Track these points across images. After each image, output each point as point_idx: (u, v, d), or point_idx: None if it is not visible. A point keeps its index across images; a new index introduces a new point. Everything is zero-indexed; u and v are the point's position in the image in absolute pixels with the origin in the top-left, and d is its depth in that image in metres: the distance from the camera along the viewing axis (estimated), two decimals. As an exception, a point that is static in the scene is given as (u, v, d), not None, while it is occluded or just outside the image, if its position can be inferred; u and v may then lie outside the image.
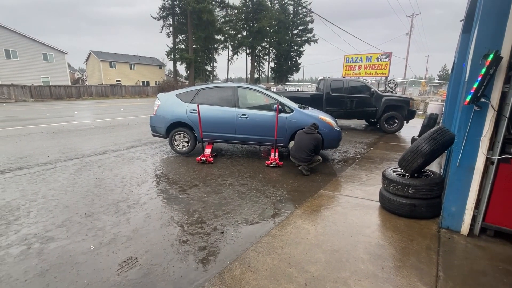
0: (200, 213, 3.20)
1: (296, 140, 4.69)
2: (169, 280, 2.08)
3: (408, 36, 33.06)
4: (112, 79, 39.72)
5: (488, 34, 2.31)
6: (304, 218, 3.07)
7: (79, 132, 8.43)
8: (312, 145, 4.50)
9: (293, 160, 4.71)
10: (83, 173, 4.59)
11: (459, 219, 2.71)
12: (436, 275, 2.12)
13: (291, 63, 47.62)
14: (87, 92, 29.49)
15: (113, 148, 6.35)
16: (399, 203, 3.05)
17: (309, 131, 4.59)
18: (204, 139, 5.52)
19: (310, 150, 4.51)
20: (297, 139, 4.68)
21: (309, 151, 4.50)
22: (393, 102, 9.16)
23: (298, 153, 4.58)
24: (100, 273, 2.15)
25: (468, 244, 2.54)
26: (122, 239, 2.62)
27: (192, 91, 5.60)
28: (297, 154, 4.59)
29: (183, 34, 38.70)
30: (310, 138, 4.54)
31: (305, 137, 4.57)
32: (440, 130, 3.02)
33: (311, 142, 4.51)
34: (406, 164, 3.11)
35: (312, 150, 4.52)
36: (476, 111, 2.44)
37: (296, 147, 4.63)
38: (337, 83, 9.66)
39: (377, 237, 2.68)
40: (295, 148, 4.65)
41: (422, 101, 17.50)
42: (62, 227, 2.84)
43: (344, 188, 4.08)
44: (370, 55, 17.62)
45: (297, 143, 4.64)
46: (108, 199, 3.55)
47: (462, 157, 2.58)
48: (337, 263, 2.26)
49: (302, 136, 4.62)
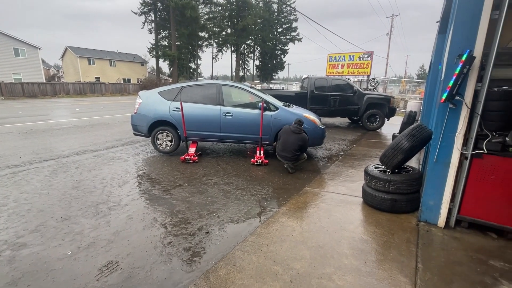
0: (185, 213, 3.13)
1: (282, 139, 4.66)
2: (152, 283, 2.02)
3: (389, 36, 34.14)
4: (91, 76, 38.06)
5: (462, 35, 2.41)
6: (290, 215, 3.09)
7: (55, 132, 8.01)
8: (298, 145, 4.51)
9: (279, 158, 4.72)
10: (59, 174, 4.36)
11: (436, 212, 2.83)
12: (415, 267, 2.20)
13: (276, 61, 47.80)
14: (63, 89, 28.07)
15: (92, 148, 6.09)
16: (381, 198, 3.14)
17: (297, 131, 4.55)
18: (188, 138, 5.42)
19: (296, 150, 4.52)
20: (283, 138, 4.63)
21: (295, 151, 4.52)
22: (374, 100, 9.42)
23: (284, 152, 4.57)
24: (78, 279, 2.05)
25: (444, 236, 2.66)
26: (102, 243, 2.51)
27: (175, 89, 5.47)
28: (283, 153, 4.59)
29: (166, 30, 37.73)
30: (297, 138, 4.51)
31: (292, 137, 4.54)
32: (419, 127, 3.13)
33: (297, 143, 4.50)
34: (387, 160, 3.20)
35: (297, 150, 4.54)
36: (451, 108, 2.55)
37: (283, 146, 4.60)
38: (321, 82, 9.80)
39: (360, 232, 2.74)
40: (281, 147, 4.63)
41: (402, 99, 18.16)
42: (36, 232, 2.68)
43: (328, 185, 4.14)
44: (353, 54, 18.03)
45: (283, 142, 4.60)
46: (87, 201, 3.40)
47: (438, 153, 2.69)
48: (322, 259, 2.29)
49: (289, 136, 4.56)
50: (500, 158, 2.48)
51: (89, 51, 40.63)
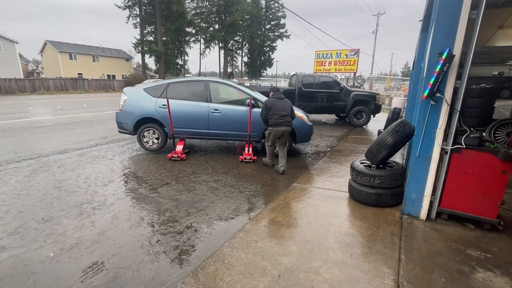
0: (172, 211, 3.10)
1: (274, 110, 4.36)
2: (140, 282, 2.00)
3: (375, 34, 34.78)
4: (73, 72, 36.61)
5: (442, 34, 2.49)
6: (278, 211, 3.12)
7: (35, 130, 7.68)
8: (290, 107, 4.46)
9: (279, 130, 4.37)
10: (40, 174, 4.20)
11: (418, 206, 2.93)
12: (398, 258, 2.28)
13: (264, 58, 47.74)
14: (43, 85, 26.85)
15: (75, 147, 5.89)
16: (366, 193, 3.22)
17: (281, 96, 4.46)
18: (175, 135, 5.34)
19: (289, 114, 4.41)
20: (275, 108, 4.36)
21: (289, 116, 4.40)
22: (361, 97, 9.61)
23: (283, 119, 4.34)
24: (61, 281, 1.99)
25: (426, 228, 2.76)
26: (87, 244, 2.45)
27: (161, 85, 5.36)
28: (282, 120, 4.33)
29: (152, 25, 36.75)
30: (286, 102, 4.46)
31: (281, 102, 4.40)
32: (402, 123, 3.23)
33: (290, 105, 4.46)
34: (372, 156, 3.28)
35: (290, 113, 4.43)
36: (432, 105, 2.64)
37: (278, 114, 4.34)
38: (308, 79, 9.89)
39: (347, 226, 2.81)
40: (277, 117, 4.33)
41: (387, 96, 18.61)
42: (15, 234, 2.58)
43: (315, 180, 4.20)
44: (340, 52, 18.25)
45: (277, 110, 4.35)
46: (70, 201, 3.29)
47: (421, 148, 2.79)
48: (309, 254, 2.33)
49: (277, 102, 4.39)
50: (477, 153, 2.59)
51: (70, 45, 39.03)
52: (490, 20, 4.34)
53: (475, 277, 2.07)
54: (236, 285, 1.95)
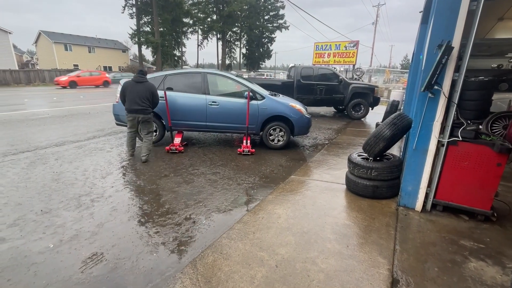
0: (171, 203, 3.12)
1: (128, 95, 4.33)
2: (139, 273, 2.03)
3: (374, 25, 34.40)
4: (69, 64, 36.03)
5: (441, 25, 2.47)
6: (276, 203, 3.15)
7: (31, 122, 7.61)
8: (149, 92, 4.34)
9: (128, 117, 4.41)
10: (37, 167, 4.19)
11: (414, 197, 2.97)
12: (393, 249, 2.32)
13: (263, 49, 47.16)
14: (38, 77, 26.43)
15: (72, 139, 5.86)
16: (363, 185, 3.26)
17: (140, 80, 4.34)
18: (173, 128, 5.32)
19: (147, 98, 4.33)
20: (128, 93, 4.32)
21: (146, 100, 4.32)
22: (359, 89, 9.57)
23: (134, 106, 4.29)
24: (61, 272, 2.02)
25: (421, 219, 2.81)
26: (86, 235, 2.47)
27: (158, 77, 5.30)
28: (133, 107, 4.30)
29: (148, 15, 36.00)
30: (144, 87, 4.32)
31: (138, 87, 4.31)
32: (400, 116, 3.23)
33: (147, 90, 4.32)
34: (369, 148, 3.30)
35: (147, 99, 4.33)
36: (430, 98, 2.64)
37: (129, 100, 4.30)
38: (307, 71, 9.81)
39: (343, 218, 2.85)
40: (128, 103, 4.32)
41: (386, 88, 18.55)
42: (15, 226, 2.59)
43: (313, 172, 4.23)
44: (339, 43, 18.08)
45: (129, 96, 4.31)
46: (68, 193, 3.30)
47: (418, 140, 2.80)
48: (306, 244, 2.37)
49: (133, 87, 4.31)
50: (473, 145, 2.61)
51: (65, 36, 38.32)
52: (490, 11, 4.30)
53: (468, 266, 2.12)
54: (234, 275, 1.99)
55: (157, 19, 33.91)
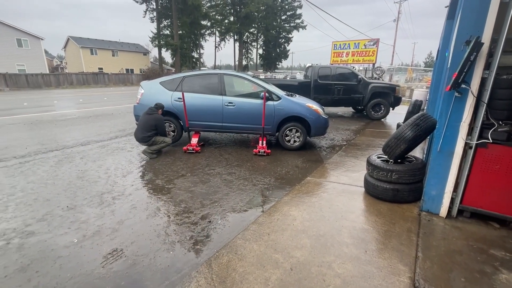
0: (187, 202, 3.17)
1: (139, 121, 4.85)
2: (156, 270, 2.08)
3: (396, 22, 33.17)
4: (94, 67, 37.95)
5: (470, 20, 2.32)
6: (291, 205, 3.11)
7: (60, 123, 8.08)
8: (149, 125, 4.68)
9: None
10: (64, 165, 4.43)
11: (438, 202, 2.82)
12: (415, 256, 2.21)
13: (280, 50, 46.98)
14: (67, 80, 28.05)
15: (96, 139, 6.15)
16: (383, 188, 3.14)
17: (149, 111, 4.76)
18: (191, 128, 5.43)
19: (147, 130, 4.68)
20: (139, 120, 4.83)
21: (146, 131, 4.67)
22: (379, 89, 9.26)
23: (137, 133, 4.75)
24: (84, 266, 2.11)
25: (446, 226, 2.66)
26: (107, 231, 2.58)
27: (176, 79, 5.43)
28: (136, 135, 4.78)
29: (168, 19, 37.07)
30: (148, 119, 4.70)
31: (144, 118, 4.72)
32: (423, 116, 3.08)
33: (149, 123, 4.68)
34: (390, 150, 3.17)
35: (149, 130, 4.68)
36: (456, 97, 2.49)
37: (136, 127, 4.81)
38: (324, 70, 9.64)
39: (361, 222, 2.75)
40: (135, 130, 4.82)
41: (408, 88, 17.82)
42: (43, 221, 2.75)
43: (330, 174, 4.14)
44: (358, 42, 17.59)
45: (138, 124, 4.82)
46: (92, 191, 3.46)
47: (442, 142, 2.65)
48: (322, 248, 2.32)
49: (143, 117, 4.76)
50: (505, 148, 2.43)
51: (91, 41, 40.35)
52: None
53: (498, 278, 1.97)
54: (248, 276, 1.98)
55: (176, 22, 34.81)
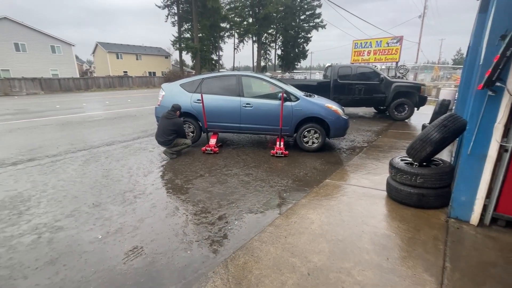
0: (205, 203, 3.22)
1: (159, 124, 5.03)
2: (174, 269, 2.12)
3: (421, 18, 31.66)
4: (119, 70, 39.83)
5: (506, 13, 2.15)
6: (309, 207, 3.05)
7: (88, 124, 8.55)
8: (169, 130, 4.81)
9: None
10: (91, 164, 4.67)
11: (468, 209, 2.63)
12: (442, 266, 2.08)
13: (299, 50, 46.51)
14: (95, 83, 29.72)
15: (120, 139, 6.43)
16: (407, 192, 2.98)
17: (169, 116, 4.87)
18: (209, 129, 5.51)
19: (168, 134, 4.82)
20: (159, 123, 5.01)
21: (166, 136, 4.82)
22: (403, 88, 8.86)
23: (158, 137, 4.93)
24: (107, 261, 2.20)
25: (477, 235, 2.47)
26: (128, 229, 2.67)
27: (195, 81, 5.54)
28: (157, 138, 4.95)
29: (188, 22, 38.08)
30: (168, 123, 4.83)
31: (164, 122, 4.85)
32: (451, 116, 2.90)
33: (168, 128, 4.81)
34: (414, 152, 3.01)
35: (170, 134, 4.83)
36: (490, 96, 2.31)
37: (157, 131, 4.96)
38: (345, 70, 9.40)
39: (383, 227, 2.64)
40: (156, 132, 4.99)
41: (434, 87, 16.90)
42: (71, 217, 2.91)
43: (350, 177, 4.01)
44: (380, 40, 16.96)
45: (158, 127, 4.98)
46: (115, 189, 3.61)
47: (474, 145, 2.47)
48: (341, 253, 2.24)
49: (163, 121, 4.90)
50: (547, 151, 2.22)
51: (117, 46, 42.39)
52: None
53: (539, 294, 1.80)
54: (264, 279, 1.96)
55: (196, 26, 35.65)
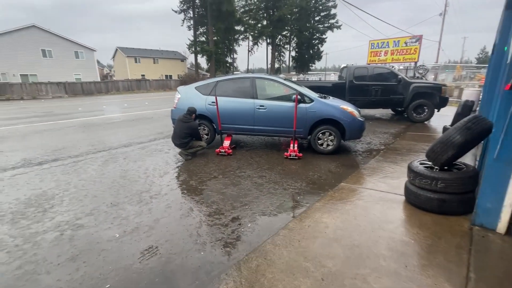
0: (218, 204, 3.24)
1: (175, 127, 5.11)
2: (187, 270, 2.14)
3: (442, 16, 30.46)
4: (137, 74, 41.18)
5: (536, 8, 2.02)
6: (323, 211, 2.99)
7: (107, 126, 8.88)
8: (184, 133, 4.88)
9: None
10: (110, 164, 4.84)
11: (495, 216, 2.48)
12: (466, 276, 1.97)
13: (313, 51, 46.14)
14: (114, 87, 30.90)
15: (137, 141, 6.62)
16: (426, 197, 2.86)
17: (184, 120, 4.93)
18: (223, 131, 5.56)
19: (183, 137, 4.90)
20: (175, 126, 5.09)
21: (182, 138, 4.90)
22: (422, 89, 8.55)
23: (174, 140, 5.01)
24: (124, 260, 2.27)
25: (505, 244, 2.32)
26: (144, 228, 2.74)
27: (210, 83, 5.62)
28: (173, 140, 5.03)
29: (204, 26, 38.82)
30: (183, 127, 4.89)
31: (179, 125, 4.93)
32: (475, 118, 2.75)
33: (183, 131, 4.88)
34: (434, 156, 2.89)
35: (185, 137, 4.90)
36: (519, 97, 2.18)
37: (173, 133, 5.05)
38: (361, 71, 9.20)
39: (401, 233, 2.54)
40: (172, 135, 5.07)
41: (456, 87, 16.17)
42: (91, 215, 3.02)
43: (366, 180, 3.91)
44: (398, 39, 16.46)
45: (174, 129, 5.07)
46: (132, 189, 3.72)
47: (501, 148, 2.33)
48: (356, 259, 2.18)
49: (178, 124, 4.97)
50: None
51: (135, 50, 43.88)
52: None
53: None
54: (277, 283, 1.94)
55: (211, 29, 36.27)
